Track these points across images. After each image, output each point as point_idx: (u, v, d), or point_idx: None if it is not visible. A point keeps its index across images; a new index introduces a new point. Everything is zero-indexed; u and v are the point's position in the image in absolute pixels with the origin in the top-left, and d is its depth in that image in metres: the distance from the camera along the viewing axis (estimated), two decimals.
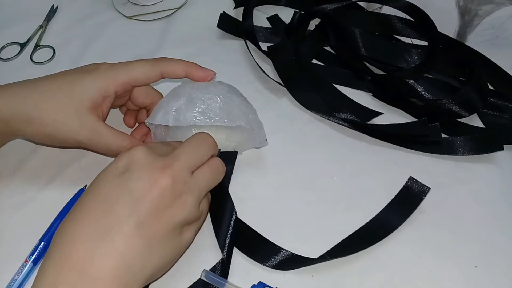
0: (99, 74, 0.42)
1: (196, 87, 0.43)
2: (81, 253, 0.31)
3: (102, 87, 0.41)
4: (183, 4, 0.63)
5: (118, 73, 0.42)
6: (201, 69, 0.44)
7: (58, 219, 0.41)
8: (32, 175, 0.46)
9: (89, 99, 0.41)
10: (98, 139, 0.41)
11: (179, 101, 0.42)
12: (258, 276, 0.39)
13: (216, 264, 0.39)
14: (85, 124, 0.41)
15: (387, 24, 0.57)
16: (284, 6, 0.62)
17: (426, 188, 0.42)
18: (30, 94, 0.41)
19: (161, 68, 0.43)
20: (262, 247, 0.40)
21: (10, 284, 0.38)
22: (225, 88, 0.44)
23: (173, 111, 0.42)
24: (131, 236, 0.31)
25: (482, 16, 0.53)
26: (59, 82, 0.42)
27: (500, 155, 0.47)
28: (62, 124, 0.41)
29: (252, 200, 0.43)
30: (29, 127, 0.41)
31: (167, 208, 0.33)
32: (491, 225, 0.42)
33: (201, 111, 0.42)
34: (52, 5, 0.63)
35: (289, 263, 0.39)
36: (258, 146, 0.47)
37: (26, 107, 0.40)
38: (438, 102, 0.49)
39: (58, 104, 0.40)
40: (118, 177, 0.34)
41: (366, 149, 0.47)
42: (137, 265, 0.32)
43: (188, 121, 0.41)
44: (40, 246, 0.39)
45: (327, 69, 0.55)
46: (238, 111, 0.42)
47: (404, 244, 0.41)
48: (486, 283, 0.39)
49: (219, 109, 0.42)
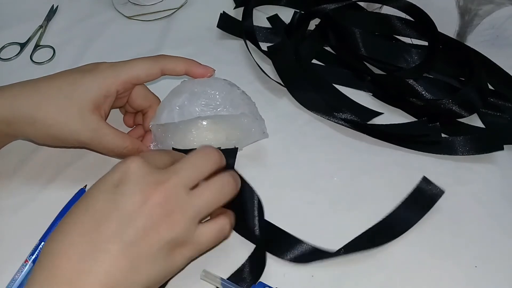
0: (99, 73, 0.42)
1: (196, 83, 0.44)
2: (68, 269, 0.30)
3: (103, 87, 0.41)
4: (183, 4, 0.63)
5: (119, 72, 0.42)
6: (200, 66, 0.45)
7: (58, 219, 0.41)
8: (32, 175, 0.46)
9: (90, 99, 0.41)
10: (100, 139, 0.41)
11: (181, 98, 0.43)
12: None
13: (245, 263, 0.39)
14: (87, 124, 0.41)
15: (387, 24, 0.57)
16: (284, 6, 0.62)
17: (440, 190, 0.42)
18: (31, 95, 0.41)
19: (161, 65, 0.43)
20: (281, 240, 0.40)
21: (10, 284, 0.38)
22: (225, 82, 0.45)
23: (176, 108, 0.43)
24: (116, 257, 0.31)
25: (482, 16, 0.53)
26: (60, 82, 0.42)
27: (500, 155, 0.47)
28: (65, 124, 0.40)
29: None
30: (31, 128, 0.41)
31: (156, 227, 0.32)
32: (491, 225, 0.42)
33: (205, 103, 0.42)
34: (52, 5, 0.63)
35: (308, 256, 0.39)
36: (259, 138, 0.46)
37: (28, 108, 0.40)
38: (438, 102, 0.49)
39: (60, 105, 0.40)
40: (111, 190, 0.33)
41: (366, 149, 0.47)
42: (124, 284, 0.31)
43: (193, 114, 0.42)
44: (40, 246, 0.39)
45: (327, 69, 0.55)
46: (240, 100, 0.43)
47: (404, 244, 0.41)
48: (486, 283, 0.39)
49: (222, 99, 0.42)
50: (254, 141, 0.47)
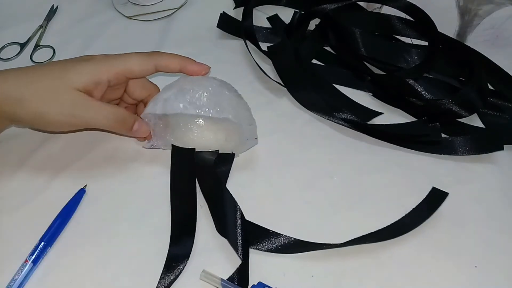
0: (94, 62, 0.42)
1: (188, 80, 0.44)
2: None
3: (95, 74, 0.42)
4: (183, 4, 0.63)
5: (113, 63, 0.43)
6: (195, 64, 0.45)
7: (58, 219, 0.41)
8: (32, 175, 0.46)
9: (81, 82, 0.41)
10: (85, 114, 0.41)
11: (170, 92, 0.44)
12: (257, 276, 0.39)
13: (234, 273, 0.38)
14: (74, 100, 0.41)
15: (387, 24, 0.57)
16: (284, 6, 0.62)
17: (444, 194, 0.42)
18: (22, 75, 0.42)
19: (156, 61, 0.44)
20: (262, 236, 0.41)
21: (10, 284, 0.38)
22: (217, 83, 0.45)
23: (162, 100, 0.43)
24: None
25: (482, 16, 0.53)
26: (52, 66, 0.43)
27: (500, 155, 0.47)
28: (53, 102, 0.41)
29: (252, 200, 0.43)
30: (19, 107, 0.41)
31: None
32: (491, 225, 0.42)
33: (189, 101, 0.42)
34: (52, 5, 0.63)
35: (289, 247, 0.40)
36: (246, 143, 0.46)
37: (17, 87, 0.41)
38: (438, 102, 0.49)
39: (49, 84, 0.41)
40: None
41: (366, 149, 0.47)
42: None
43: (175, 110, 0.42)
44: (40, 246, 0.39)
45: (327, 69, 0.55)
46: (226, 105, 0.43)
47: (404, 244, 0.41)
48: (486, 283, 0.39)
49: (208, 100, 0.43)
50: (249, 147, 0.47)
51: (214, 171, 0.44)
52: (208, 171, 0.44)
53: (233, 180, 0.45)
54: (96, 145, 0.48)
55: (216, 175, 0.44)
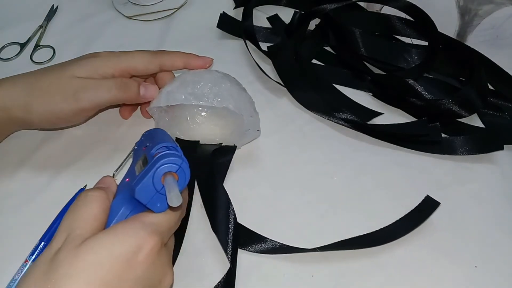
0: (99, 58, 0.43)
1: (191, 73, 0.45)
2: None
3: (100, 67, 0.43)
4: (183, 4, 0.63)
5: (119, 59, 0.43)
6: (199, 58, 0.46)
7: (58, 219, 0.41)
8: (32, 175, 0.46)
9: (84, 71, 0.42)
10: (86, 93, 0.42)
11: (173, 85, 0.45)
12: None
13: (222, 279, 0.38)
14: (75, 85, 0.42)
15: (387, 24, 0.57)
16: (284, 6, 0.62)
17: (436, 203, 0.42)
18: (30, 77, 0.43)
19: (160, 60, 0.45)
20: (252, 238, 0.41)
21: (10, 284, 0.38)
22: (219, 74, 0.46)
23: (165, 93, 0.44)
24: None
25: (482, 16, 0.53)
26: (59, 64, 0.44)
27: (500, 155, 0.47)
28: (55, 93, 0.41)
29: (252, 200, 0.43)
30: (29, 112, 0.42)
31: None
32: (491, 225, 0.42)
33: (191, 92, 0.43)
34: (52, 5, 0.63)
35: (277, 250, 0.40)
36: (247, 134, 0.46)
37: (27, 90, 0.41)
38: (438, 102, 0.49)
39: (53, 77, 0.42)
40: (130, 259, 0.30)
41: (366, 149, 0.47)
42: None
43: (177, 101, 0.43)
44: (40, 246, 0.39)
45: (327, 69, 0.55)
46: (227, 95, 0.44)
47: (404, 244, 0.41)
48: (486, 283, 0.39)
49: (209, 90, 0.43)
50: (251, 140, 0.47)
51: (211, 168, 0.44)
52: (205, 168, 0.44)
53: (233, 179, 0.45)
54: (96, 145, 0.48)
55: (212, 173, 0.44)
